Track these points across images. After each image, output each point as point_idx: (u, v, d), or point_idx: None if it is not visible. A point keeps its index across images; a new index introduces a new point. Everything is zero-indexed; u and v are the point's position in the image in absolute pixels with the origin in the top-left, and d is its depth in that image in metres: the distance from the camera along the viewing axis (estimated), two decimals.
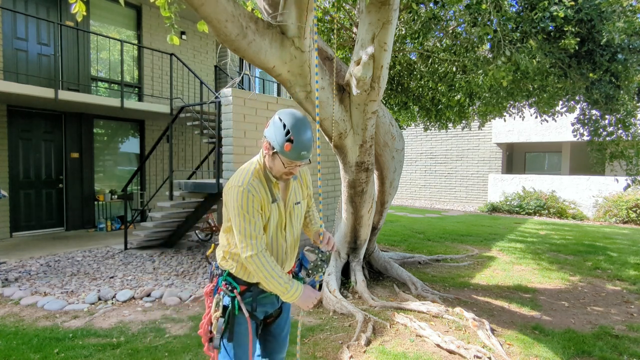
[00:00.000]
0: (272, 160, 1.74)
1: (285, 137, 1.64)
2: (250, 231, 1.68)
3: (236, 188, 1.70)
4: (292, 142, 1.63)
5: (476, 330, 3.55)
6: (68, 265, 5.69)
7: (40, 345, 3.30)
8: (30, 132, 7.68)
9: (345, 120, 3.91)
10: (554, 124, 11.21)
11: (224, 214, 1.83)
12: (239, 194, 1.68)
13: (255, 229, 1.69)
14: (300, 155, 1.67)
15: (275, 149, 1.67)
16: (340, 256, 4.92)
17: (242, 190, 1.68)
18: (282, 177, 1.78)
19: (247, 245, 1.68)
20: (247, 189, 1.68)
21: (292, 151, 1.64)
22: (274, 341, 2.03)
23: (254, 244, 1.68)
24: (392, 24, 3.28)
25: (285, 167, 1.71)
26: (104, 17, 8.58)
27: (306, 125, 1.69)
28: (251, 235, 1.68)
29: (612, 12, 4.03)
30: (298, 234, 1.95)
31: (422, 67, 5.51)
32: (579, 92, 4.97)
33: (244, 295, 1.82)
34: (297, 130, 1.65)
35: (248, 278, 1.82)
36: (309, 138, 1.68)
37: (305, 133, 1.67)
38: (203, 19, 2.67)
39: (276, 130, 1.67)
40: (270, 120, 1.75)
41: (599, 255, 6.72)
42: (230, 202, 1.72)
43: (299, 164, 1.72)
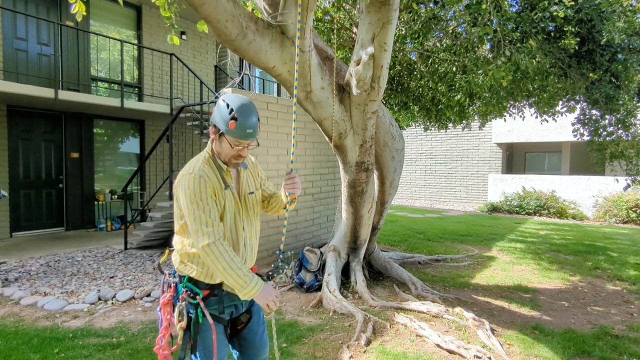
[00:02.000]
0: (219, 144, 1.72)
1: (229, 116, 1.63)
2: (205, 218, 1.61)
3: (187, 176, 1.66)
4: (236, 120, 1.63)
5: (476, 330, 3.55)
6: (68, 265, 5.69)
7: (40, 345, 3.30)
8: (30, 132, 7.68)
9: (345, 120, 3.91)
10: (554, 124, 11.21)
11: (176, 212, 1.76)
12: (190, 181, 1.64)
13: (211, 216, 1.63)
14: (245, 134, 1.66)
15: (221, 129, 1.67)
16: (341, 256, 4.92)
17: (193, 177, 1.64)
18: (232, 162, 1.75)
19: (202, 234, 1.61)
20: (198, 175, 1.64)
21: (236, 129, 1.63)
22: (250, 346, 1.95)
23: (210, 231, 1.61)
24: (392, 24, 3.28)
25: (233, 147, 1.69)
26: (104, 17, 8.58)
27: (251, 108, 1.69)
28: (206, 222, 1.62)
29: (612, 12, 4.03)
30: (257, 226, 1.91)
31: (422, 67, 5.51)
32: (579, 92, 4.97)
33: (208, 301, 1.75)
34: (240, 109, 1.65)
35: (211, 280, 1.74)
36: (254, 120, 1.67)
37: (249, 112, 1.67)
38: (203, 19, 2.67)
39: (220, 111, 1.67)
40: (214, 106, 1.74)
41: (599, 255, 6.72)
42: (181, 192, 1.66)
43: (246, 144, 1.70)
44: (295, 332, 3.59)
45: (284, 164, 6.02)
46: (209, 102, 6.58)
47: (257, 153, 5.54)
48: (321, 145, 6.79)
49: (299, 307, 4.22)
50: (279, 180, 5.92)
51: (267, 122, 5.71)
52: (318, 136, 6.64)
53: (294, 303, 4.35)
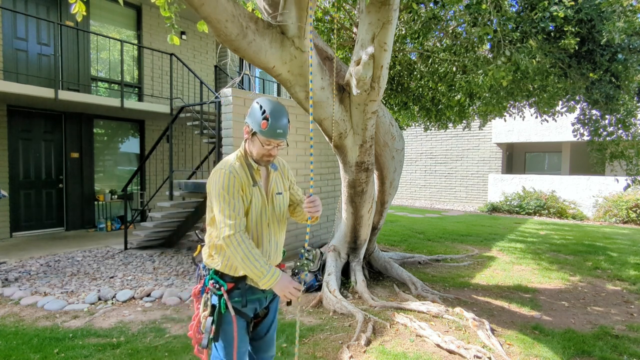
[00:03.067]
0: (252, 143, 1.84)
1: (262, 116, 1.77)
2: (229, 212, 1.72)
3: (218, 171, 1.78)
4: (268, 120, 1.76)
5: (476, 330, 3.55)
6: (68, 265, 5.69)
7: (40, 345, 3.30)
8: (30, 132, 7.68)
9: (345, 120, 3.91)
10: (554, 124, 11.21)
11: (208, 204, 1.86)
12: (221, 176, 1.76)
13: (235, 210, 1.74)
14: (276, 134, 1.78)
15: (254, 129, 1.80)
16: (341, 256, 4.92)
17: (224, 172, 1.77)
18: (263, 160, 1.85)
19: (225, 226, 1.71)
20: (228, 170, 1.77)
21: (268, 129, 1.76)
22: (260, 340, 2.04)
23: (233, 224, 1.71)
24: (392, 24, 3.28)
25: (264, 146, 1.80)
26: (104, 17, 8.58)
27: (282, 111, 1.82)
28: (230, 215, 1.72)
29: (612, 12, 4.03)
30: (283, 225, 1.99)
31: (422, 67, 5.51)
32: (579, 92, 4.97)
33: (232, 294, 1.84)
34: (272, 111, 1.78)
35: (235, 273, 1.83)
36: (284, 121, 1.81)
37: (280, 114, 1.80)
38: (203, 19, 2.67)
39: (254, 112, 1.81)
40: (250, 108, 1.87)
41: (599, 255, 6.72)
42: (212, 186, 1.78)
43: (276, 143, 1.82)
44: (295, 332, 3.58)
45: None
46: (209, 102, 6.58)
47: None
48: (321, 145, 6.79)
49: (299, 307, 4.22)
50: None
51: None
52: (318, 136, 6.64)
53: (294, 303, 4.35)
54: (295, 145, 6.24)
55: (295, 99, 3.57)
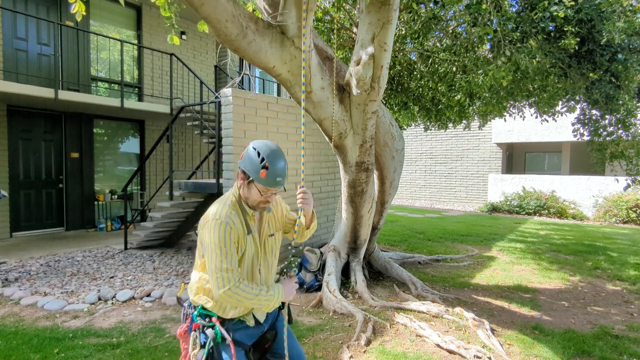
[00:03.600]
0: (248, 189, 1.76)
1: (261, 164, 1.68)
2: (227, 265, 1.65)
3: (214, 222, 1.68)
4: (267, 169, 1.68)
5: (476, 330, 3.55)
6: (68, 265, 5.69)
7: (40, 345, 3.30)
8: (30, 132, 7.68)
9: (345, 120, 3.91)
10: (554, 124, 11.21)
11: (198, 250, 1.80)
12: (217, 227, 1.67)
13: (231, 263, 1.66)
14: (275, 182, 1.71)
15: (251, 177, 1.71)
16: (341, 256, 4.92)
17: (220, 223, 1.67)
18: (259, 206, 1.80)
19: (222, 279, 1.64)
20: (225, 222, 1.67)
21: (267, 177, 1.69)
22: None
23: (229, 276, 1.64)
24: (392, 24, 3.28)
25: (262, 194, 1.74)
26: (104, 17, 8.58)
27: (280, 154, 1.74)
28: (227, 269, 1.64)
29: (612, 12, 4.03)
30: (274, 266, 1.95)
31: (422, 67, 5.51)
32: (579, 92, 4.97)
33: (224, 324, 1.78)
34: (271, 157, 1.70)
35: (223, 314, 1.79)
36: (283, 166, 1.73)
37: (279, 160, 1.72)
38: (203, 19, 2.67)
39: (251, 158, 1.71)
40: (244, 151, 1.78)
41: (599, 255, 6.72)
42: (207, 236, 1.69)
43: (275, 191, 1.75)
44: (295, 332, 3.58)
45: None
46: (209, 102, 6.57)
47: None
48: (321, 145, 6.79)
49: (299, 307, 4.22)
50: None
51: (267, 122, 5.71)
52: (318, 136, 6.64)
53: (294, 303, 4.35)
54: (295, 145, 6.24)
55: (295, 99, 3.57)
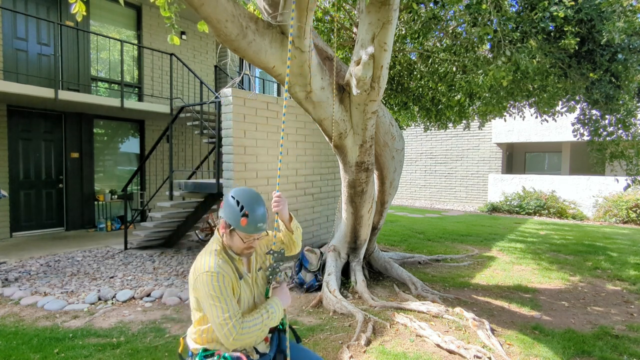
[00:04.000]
0: (230, 238, 1.78)
1: (241, 213, 1.71)
2: (228, 314, 1.64)
3: (205, 275, 1.68)
4: (248, 217, 1.71)
5: (476, 330, 3.55)
6: (68, 265, 5.69)
7: (40, 345, 3.30)
8: (30, 132, 7.69)
9: (345, 120, 3.91)
10: (554, 124, 11.21)
11: (192, 304, 1.79)
12: (210, 279, 1.66)
13: (231, 310, 1.66)
14: (257, 228, 1.74)
15: (232, 225, 1.74)
16: (341, 256, 4.92)
17: (212, 274, 1.67)
18: (244, 253, 1.81)
19: (227, 329, 1.63)
20: (216, 272, 1.67)
21: (248, 225, 1.72)
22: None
23: (233, 324, 1.64)
24: (392, 24, 3.28)
25: (244, 242, 1.76)
26: (104, 17, 8.58)
27: (259, 200, 1.78)
28: (231, 316, 1.64)
29: (612, 12, 4.03)
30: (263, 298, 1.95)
31: (422, 67, 5.51)
32: (579, 92, 4.97)
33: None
34: (250, 205, 1.73)
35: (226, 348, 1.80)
36: (263, 212, 1.76)
37: (258, 207, 1.75)
38: (203, 19, 2.67)
39: (231, 208, 1.74)
40: (223, 201, 1.81)
41: (599, 255, 6.72)
42: (202, 291, 1.68)
43: (257, 237, 1.78)
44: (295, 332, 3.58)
45: (283, 163, 6.02)
46: (209, 102, 6.58)
47: (257, 153, 5.54)
48: (321, 145, 6.79)
49: (299, 307, 4.22)
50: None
51: (267, 122, 5.71)
52: (318, 136, 6.64)
53: (294, 303, 4.35)
54: (295, 145, 6.24)
55: (295, 99, 3.57)
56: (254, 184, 5.50)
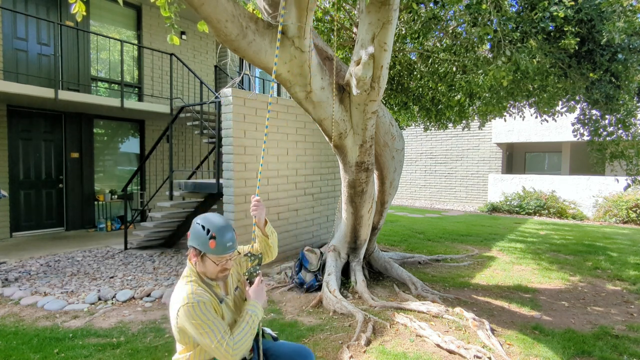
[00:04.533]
0: (203, 264, 1.80)
1: (208, 236, 1.75)
2: (220, 335, 1.67)
3: (184, 307, 1.68)
4: (215, 239, 1.75)
5: (476, 330, 3.55)
6: (68, 265, 5.69)
7: (40, 345, 3.30)
8: (30, 132, 7.69)
9: (345, 120, 3.91)
10: (554, 124, 11.21)
11: (175, 335, 1.79)
12: (192, 310, 1.67)
13: (221, 330, 1.68)
14: (226, 248, 1.77)
15: (202, 251, 1.76)
16: (341, 256, 4.92)
17: (191, 305, 1.68)
18: (219, 277, 1.83)
19: (224, 349, 1.66)
20: (195, 301, 1.68)
21: (217, 247, 1.75)
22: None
23: (227, 342, 1.67)
24: (392, 24, 3.28)
25: (217, 264, 1.78)
26: (104, 17, 8.58)
27: (224, 222, 1.81)
28: (223, 337, 1.67)
29: (612, 12, 4.03)
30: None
31: (422, 67, 5.51)
32: (579, 92, 4.97)
33: None
34: (216, 227, 1.77)
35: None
36: (230, 233, 1.80)
37: (225, 228, 1.79)
38: (203, 19, 2.67)
39: (198, 234, 1.78)
40: (189, 231, 1.84)
41: (599, 255, 6.72)
42: (187, 324, 1.68)
43: (229, 257, 1.81)
44: (295, 332, 3.59)
45: (283, 163, 6.02)
46: (209, 102, 6.58)
47: (257, 153, 5.54)
48: (321, 145, 6.79)
49: (299, 307, 4.22)
50: (278, 180, 5.92)
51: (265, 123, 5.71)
52: (318, 136, 6.64)
53: (294, 303, 4.35)
54: (295, 145, 6.24)
55: (295, 99, 3.57)
56: (254, 183, 5.50)
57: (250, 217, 2.09)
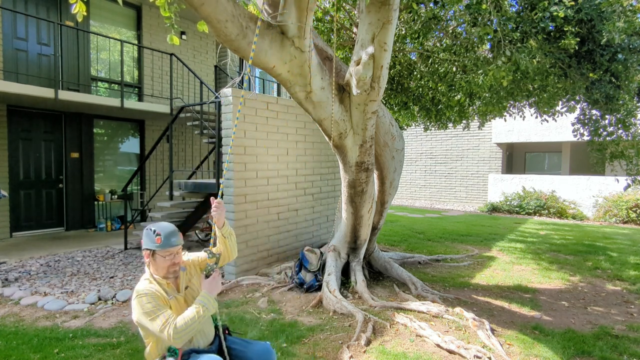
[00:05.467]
0: (155, 262, 2.07)
1: (154, 235, 2.04)
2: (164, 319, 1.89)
3: (136, 299, 1.95)
4: (160, 235, 2.04)
5: (476, 330, 3.55)
6: (68, 265, 5.69)
7: (40, 345, 3.30)
8: (30, 132, 7.68)
9: (345, 120, 3.91)
10: (554, 124, 11.21)
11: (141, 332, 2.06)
12: (141, 300, 1.94)
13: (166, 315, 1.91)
14: (170, 242, 2.04)
15: (151, 247, 2.04)
16: (341, 256, 4.92)
17: (141, 296, 1.95)
18: (170, 272, 2.08)
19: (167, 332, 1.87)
20: (144, 293, 1.96)
21: (163, 241, 2.03)
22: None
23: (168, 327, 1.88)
24: (392, 24, 3.28)
25: (166, 258, 2.04)
26: (104, 17, 8.58)
27: (170, 225, 2.11)
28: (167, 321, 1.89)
29: (612, 12, 4.03)
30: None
31: (422, 67, 5.51)
32: (579, 92, 4.97)
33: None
34: (161, 227, 2.07)
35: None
36: (173, 230, 2.09)
37: (168, 227, 2.09)
38: (203, 19, 2.67)
39: (147, 235, 2.07)
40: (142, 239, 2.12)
41: (599, 255, 6.72)
42: (137, 313, 1.93)
43: (174, 251, 2.06)
44: (295, 332, 3.59)
45: (283, 163, 6.02)
46: (209, 102, 6.58)
47: (257, 153, 5.54)
48: (321, 145, 6.79)
49: (299, 307, 4.22)
50: (278, 180, 5.92)
51: (267, 122, 5.71)
52: (318, 136, 6.64)
53: (294, 303, 4.35)
54: (295, 145, 6.24)
55: (295, 99, 3.57)
56: (254, 183, 5.50)
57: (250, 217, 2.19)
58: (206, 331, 2.18)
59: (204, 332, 2.16)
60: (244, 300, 4.40)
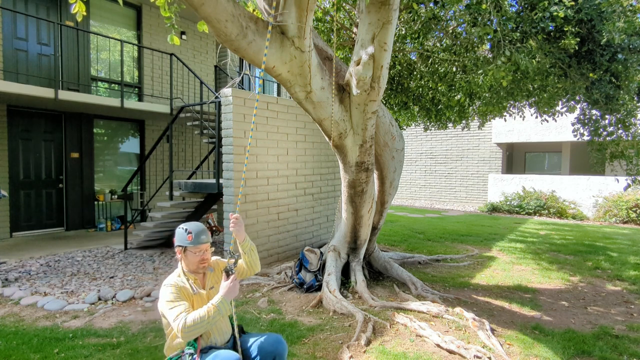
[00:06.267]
0: (186, 258, 2.23)
1: (186, 233, 2.21)
2: (176, 311, 2.01)
3: (163, 287, 2.14)
4: (192, 233, 2.21)
5: (476, 330, 3.55)
6: (68, 265, 5.69)
7: (40, 345, 3.30)
8: (30, 132, 7.68)
9: (345, 120, 3.91)
10: (554, 124, 11.21)
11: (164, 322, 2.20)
12: (167, 289, 2.11)
13: (182, 308, 2.04)
14: (200, 239, 2.21)
15: (183, 244, 2.21)
16: (341, 256, 4.92)
17: (168, 286, 2.13)
18: (200, 268, 2.26)
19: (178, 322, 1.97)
20: (172, 284, 2.14)
21: (194, 239, 2.20)
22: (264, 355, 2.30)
23: (182, 316, 1.99)
24: (392, 24, 3.28)
25: (196, 254, 2.21)
26: (104, 17, 8.58)
27: (198, 224, 2.27)
28: (177, 314, 2.00)
29: (612, 12, 4.03)
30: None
31: (422, 67, 5.51)
32: (579, 92, 4.97)
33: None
34: (192, 227, 2.24)
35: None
36: (203, 228, 2.25)
37: (199, 227, 2.25)
38: (203, 19, 2.67)
39: (180, 234, 2.24)
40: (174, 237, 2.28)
41: (599, 255, 6.72)
42: (162, 301, 2.09)
43: (204, 248, 2.23)
44: (295, 332, 3.59)
45: (283, 163, 6.02)
46: (209, 102, 6.58)
47: (257, 153, 5.54)
48: (321, 145, 6.79)
49: (299, 307, 4.22)
50: (278, 180, 5.92)
51: (267, 122, 5.71)
52: (318, 136, 6.64)
53: (294, 303, 4.35)
54: (295, 145, 6.24)
55: (295, 99, 3.57)
56: (254, 183, 5.50)
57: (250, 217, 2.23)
58: (224, 329, 2.30)
59: (221, 330, 2.28)
60: (244, 300, 4.40)
